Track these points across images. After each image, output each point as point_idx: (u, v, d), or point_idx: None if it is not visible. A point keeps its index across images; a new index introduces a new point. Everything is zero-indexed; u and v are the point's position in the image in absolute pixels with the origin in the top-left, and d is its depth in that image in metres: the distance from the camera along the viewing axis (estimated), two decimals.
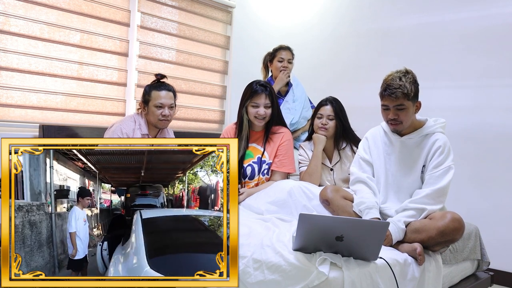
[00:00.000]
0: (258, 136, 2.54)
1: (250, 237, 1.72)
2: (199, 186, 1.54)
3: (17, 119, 2.61)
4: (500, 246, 2.80)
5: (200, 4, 3.59)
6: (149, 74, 3.12)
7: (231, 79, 3.79)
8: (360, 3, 3.72)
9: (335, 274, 1.46)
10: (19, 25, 2.59)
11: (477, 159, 2.99)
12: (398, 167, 2.04)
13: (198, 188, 1.54)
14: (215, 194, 1.48)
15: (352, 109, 2.66)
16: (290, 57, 2.99)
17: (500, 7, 2.94)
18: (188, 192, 1.57)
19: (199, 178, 1.53)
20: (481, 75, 3.01)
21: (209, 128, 3.72)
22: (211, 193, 1.50)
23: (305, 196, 2.21)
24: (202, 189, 1.53)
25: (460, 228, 1.78)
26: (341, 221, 1.57)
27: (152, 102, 2.36)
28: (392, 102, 1.91)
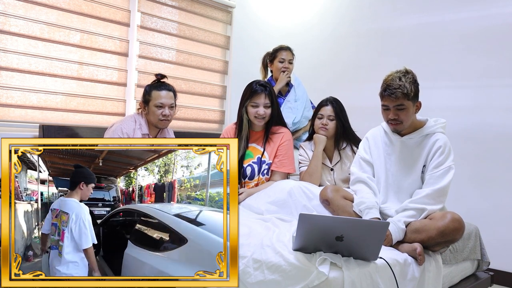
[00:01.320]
0: (258, 136, 2.54)
1: (250, 237, 1.72)
2: (154, 182, 1.52)
3: (17, 119, 2.61)
4: (500, 246, 2.80)
5: (200, 4, 3.59)
6: (149, 74, 3.12)
7: (231, 79, 3.79)
8: (360, 3, 3.72)
9: (335, 274, 1.46)
10: (19, 25, 2.59)
11: (477, 159, 2.99)
12: (398, 167, 2.04)
13: (154, 184, 1.52)
14: (171, 191, 1.46)
15: (352, 109, 2.66)
16: (291, 58, 2.99)
17: (500, 7, 2.94)
18: (142, 188, 1.54)
19: (154, 174, 1.51)
20: (481, 75, 3.00)
21: (209, 128, 3.72)
22: (169, 189, 1.48)
23: (305, 196, 2.21)
24: (158, 186, 1.51)
25: (460, 228, 1.78)
26: (341, 221, 1.57)
27: (152, 102, 2.36)
28: (392, 102, 1.91)
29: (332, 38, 3.88)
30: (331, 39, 3.88)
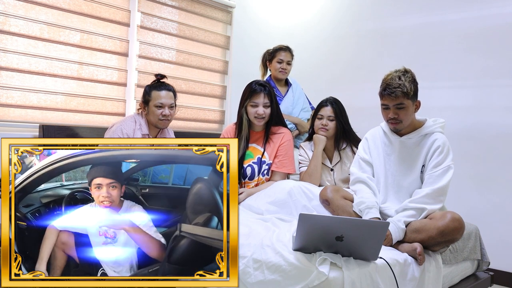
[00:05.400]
0: (258, 136, 2.54)
1: (250, 237, 1.72)
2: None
3: (17, 119, 2.61)
4: (500, 246, 2.80)
5: (200, 4, 3.59)
6: (149, 74, 3.12)
7: (231, 79, 3.79)
8: (360, 3, 3.72)
9: (335, 274, 1.46)
10: (19, 25, 2.59)
11: (477, 159, 2.99)
12: (397, 167, 2.04)
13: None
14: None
15: (352, 109, 2.66)
16: (289, 59, 2.98)
17: (500, 7, 2.94)
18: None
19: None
20: (481, 75, 3.00)
21: (209, 128, 3.72)
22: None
23: (305, 196, 2.21)
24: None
25: (460, 228, 1.78)
26: (341, 221, 1.57)
27: (152, 102, 2.36)
28: (391, 101, 1.92)
29: (332, 38, 3.88)
30: (331, 39, 3.88)
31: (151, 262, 1.42)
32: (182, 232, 1.42)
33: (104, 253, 1.43)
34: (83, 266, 1.42)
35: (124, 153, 1.47)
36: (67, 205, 1.44)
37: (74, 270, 1.42)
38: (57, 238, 1.42)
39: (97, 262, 1.42)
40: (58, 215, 1.43)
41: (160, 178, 1.49)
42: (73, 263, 1.42)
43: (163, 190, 1.49)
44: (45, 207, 1.44)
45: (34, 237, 1.41)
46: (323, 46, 3.93)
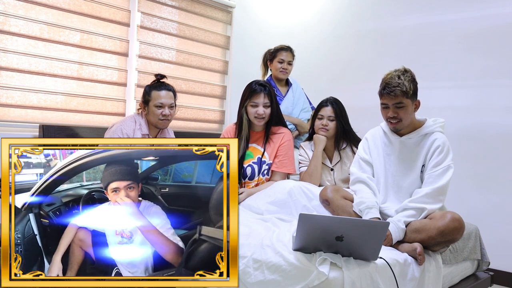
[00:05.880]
0: (258, 136, 2.54)
1: (250, 237, 1.72)
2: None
3: (17, 119, 2.61)
4: (500, 246, 2.80)
5: (200, 4, 3.59)
6: (149, 74, 3.12)
7: (231, 79, 3.79)
8: (360, 3, 3.72)
9: (335, 274, 1.46)
10: (19, 25, 2.59)
11: (477, 158, 2.99)
12: (397, 167, 2.04)
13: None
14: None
15: (352, 109, 2.66)
16: (290, 59, 2.98)
17: (500, 7, 2.94)
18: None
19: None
20: (481, 75, 3.00)
21: (209, 128, 3.72)
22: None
23: (305, 196, 2.21)
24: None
25: (460, 228, 1.78)
26: (341, 221, 1.57)
27: (152, 102, 2.36)
28: (391, 100, 1.92)
29: (332, 38, 3.88)
30: (331, 39, 3.88)
31: (168, 266, 1.39)
32: (201, 235, 1.37)
33: (119, 252, 1.41)
34: (99, 264, 1.41)
35: (141, 150, 1.46)
36: (84, 204, 1.45)
37: (90, 267, 1.42)
38: (75, 235, 1.42)
39: (113, 261, 1.41)
40: (76, 214, 1.44)
41: (183, 177, 1.45)
42: (90, 260, 1.42)
43: (185, 190, 1.45)
44: (65, 206, 1.45)
45: (54, 234, 1.42)
46: (323, 46, 3.92)
